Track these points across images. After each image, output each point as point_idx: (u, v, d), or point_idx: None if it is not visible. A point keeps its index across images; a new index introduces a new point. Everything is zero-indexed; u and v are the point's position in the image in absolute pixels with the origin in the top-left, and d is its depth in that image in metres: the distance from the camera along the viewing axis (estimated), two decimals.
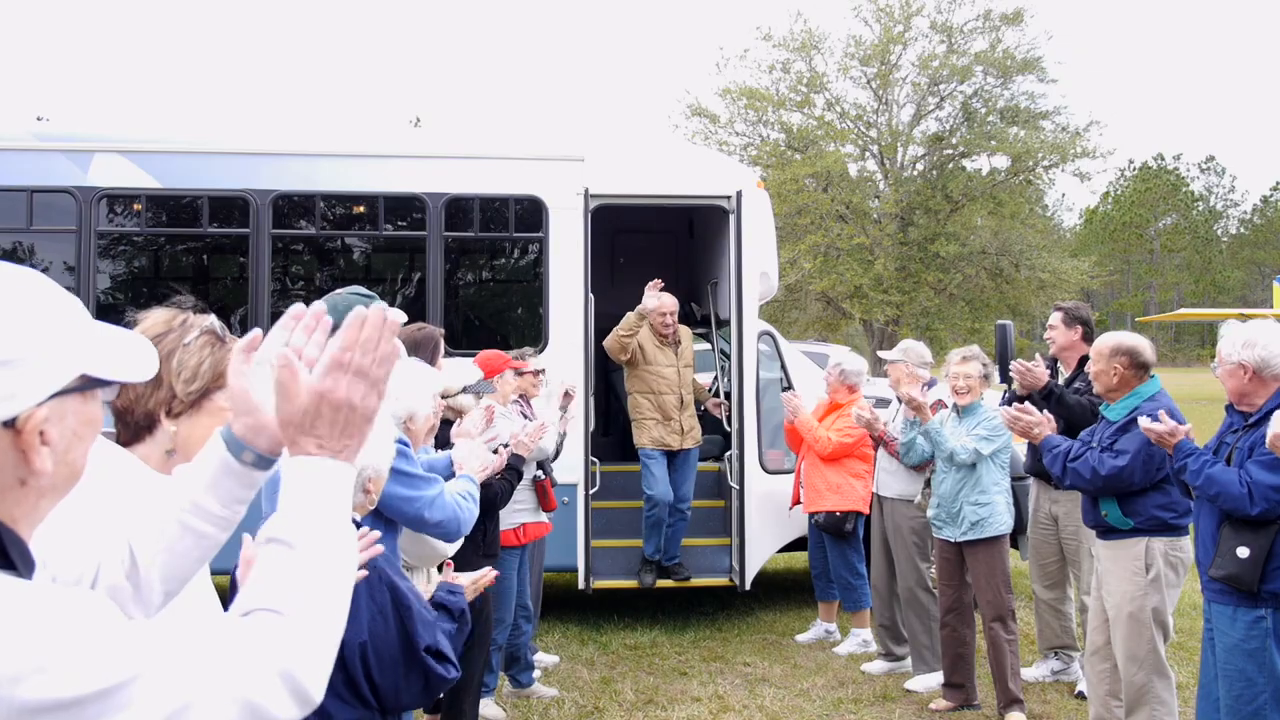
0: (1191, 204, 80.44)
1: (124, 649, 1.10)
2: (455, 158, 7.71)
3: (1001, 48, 29.58)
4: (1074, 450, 4.76)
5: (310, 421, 1.30)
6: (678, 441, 7.42)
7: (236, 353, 1.44)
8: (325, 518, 1.29)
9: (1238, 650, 3.97)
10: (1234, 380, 4.11)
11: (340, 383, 1.30)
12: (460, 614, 2.89)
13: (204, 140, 7.66)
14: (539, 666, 6.45)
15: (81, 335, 1.23)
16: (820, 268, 27.71)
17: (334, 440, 1.31)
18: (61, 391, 1.18)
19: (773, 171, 27.55)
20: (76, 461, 1.23)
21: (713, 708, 5.90)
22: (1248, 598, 3.95)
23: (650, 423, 7.40)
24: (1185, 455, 4.12)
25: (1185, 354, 67.46)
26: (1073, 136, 29.38)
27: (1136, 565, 4.68)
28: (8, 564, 1.15)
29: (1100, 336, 5.01)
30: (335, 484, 1.31)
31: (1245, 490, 3.89)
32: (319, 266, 7.81)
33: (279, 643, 1.20)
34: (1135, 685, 4.69)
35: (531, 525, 5.94)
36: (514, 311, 8.31)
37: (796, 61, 29.99)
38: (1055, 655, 6.37)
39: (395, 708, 2.61)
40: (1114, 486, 4.64)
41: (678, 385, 7.45)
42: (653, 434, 7.39)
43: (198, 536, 1.54)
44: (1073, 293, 27.45)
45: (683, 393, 7.48)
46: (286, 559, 1.26)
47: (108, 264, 7.52)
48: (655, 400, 7.44)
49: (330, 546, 1.29)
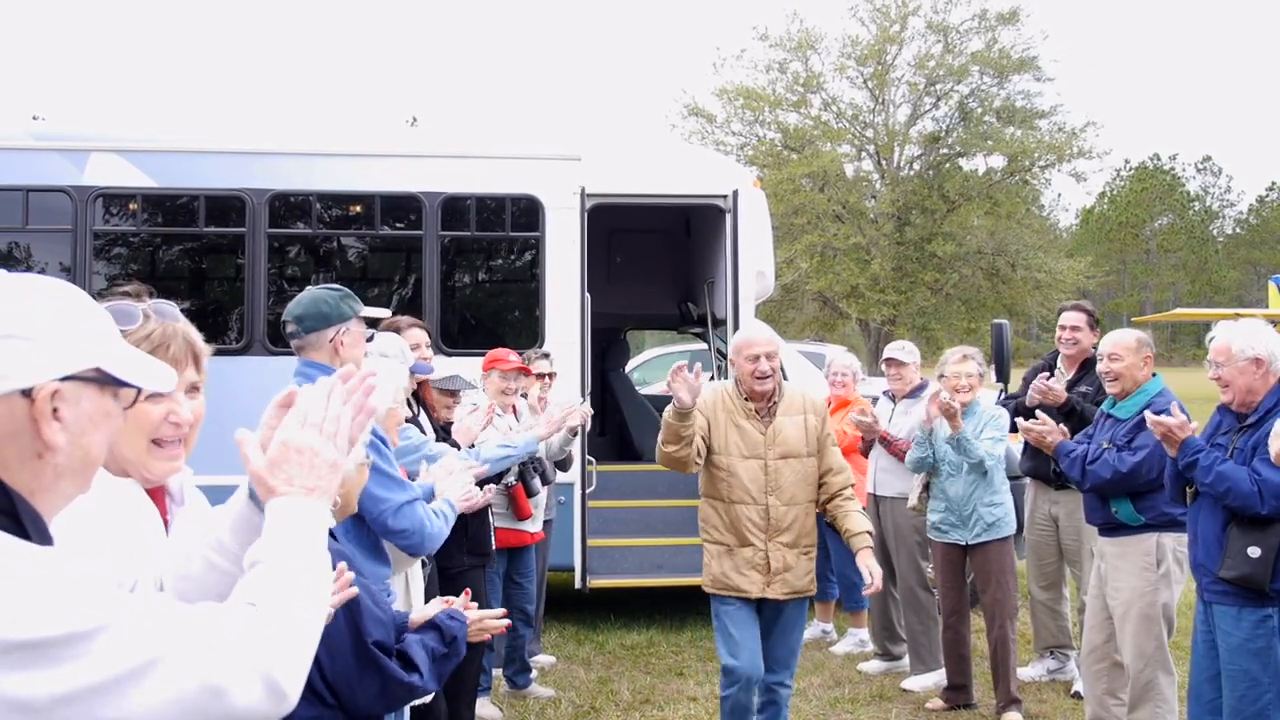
0: (1187, 204, 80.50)
1: (92, 602, 1.19)
2: (451, 157, 7.70)
3: (997, 47, 29.62)
4: (1091, 453, 4.73)
5: (278, 467, 1.47)
6: (757, 586, 4.47)
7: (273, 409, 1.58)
8: (299, 541, 1.43)
9: (1243, 650, 3.95)
10: (1246, 377, 4.05)
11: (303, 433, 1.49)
12: (452, 641, 2.76)
13: (200, 139, 7.65)
14: (535, 667, 6.45)
15: (101, 336, 1.37)
16: (817, 267, 27.73)
17: (303, 483, 1.47)
18: (76, 377, 1.30)
19: (769, 171, 27.57)
20: (92, 448, 1.34)
21: (709, 708, 5.89)
22: (1254, 597, 3.93)
23: (716, 550, 4.58)
24: (1195, 451, 4.04)
25: (1181, 354, 67.48)
26: (1069, 136, 29.43)
27: (1147, 561, 4.68)
28: (20, 531, 1.25)
29: (1112, 335, 4.99)
30: (308, 516, 1.46)
31: (1255, 489, 3.86)
32: (315, 266, 7.79)
33: (251, 634, 1.29)
34: (1142, 682, 4.68)
35: (503, 531, 5.71)
36: (510, 311, 8.30)
37: (793, 61, 30.02)
38: (1051, 655, 6.38)
39: (355, 709, 2.52)
40: (1134, 483, 4.61)
41: (764, 487, 4.47)
42: (715, 569, 4.58)
43: (221, 573, 1.62)
44: (1069, 293, 27.48)
45: (772, 500, 4.47)
46: (263, 571, 1.39)
47: (103, 264, 7.51)
48: (725, 512, 4.54)
49: (304, 563, 1.41)
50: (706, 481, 4.60)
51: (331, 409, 1.52)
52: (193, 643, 1.24)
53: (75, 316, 1.34)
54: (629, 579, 7.62)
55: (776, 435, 4.48)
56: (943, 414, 5.59)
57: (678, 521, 7.82)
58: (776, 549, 4.46)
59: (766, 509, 4.46)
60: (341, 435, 1.52)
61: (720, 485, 4.52)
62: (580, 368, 7.36)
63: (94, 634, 1.17)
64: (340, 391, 1.53)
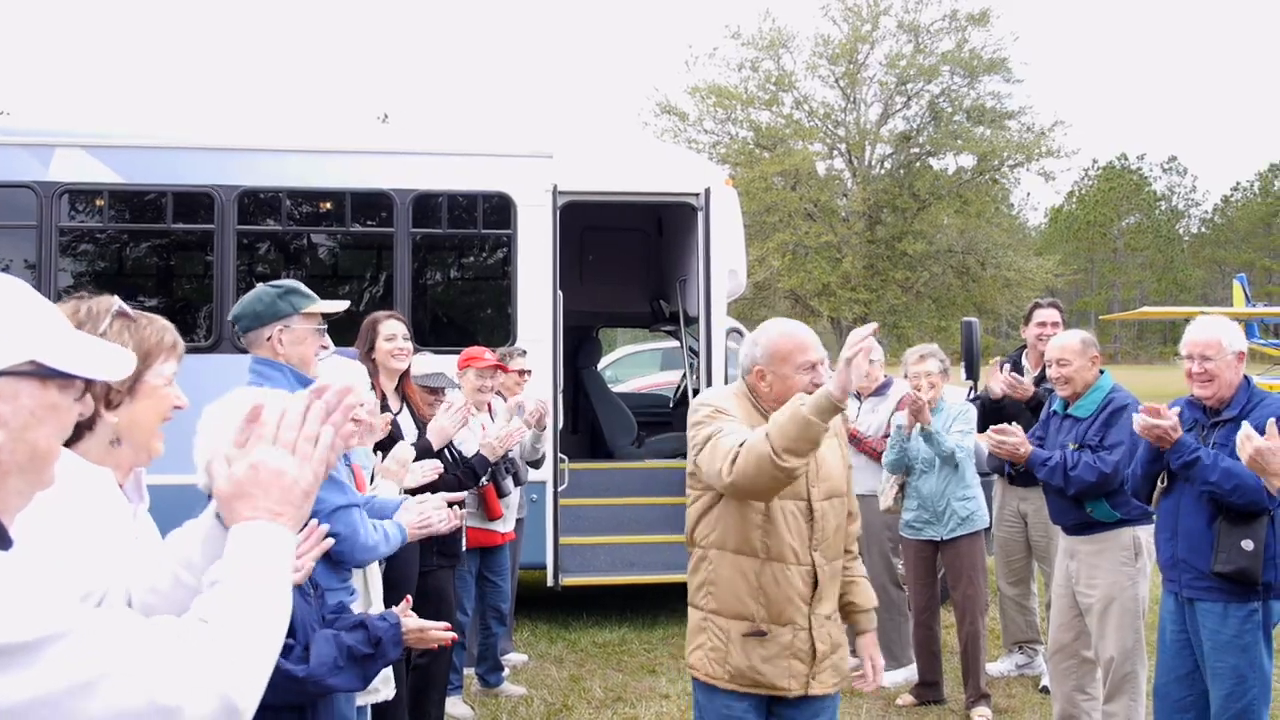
0: (1154, 204, 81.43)
1: (44, 610, 1.17)
2: (423, 154, 7.67)
3: (968, 48, 29.87)
4: (1068, 459, 4.71)
5: (245, 490, 1.43)
6: (799, 680, 3.23)
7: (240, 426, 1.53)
8: (259, 564, 1.40)
9: (1232, 646, 3.96)
10: (1231, 372, 4.04)
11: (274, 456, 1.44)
12: (377, 642, 2.72)
13: (168, 135, 7.57)
14: (507, 665, 6.44)
15: (39, 329, 1.32)
16: (788, 266, 27.86)
17: (269, 507, 1.44)
18: (10, 372, 1.27)
19: (741, 169, 27.66)
20: (39, 443, 1.30)
21: (681, 704, 5.91)
22: (1241, 592, 3.94)
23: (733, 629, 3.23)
24: (1193, 450, 3.97)
25: (1148, 351, 68.36)
26: (1038, 136, 29.73)
27: (1125, 555, 4.71)
28: None
29: (1057, 339, 5.02)
30: (270, 541, 1.42)
31: (1260, 483, 3.80)
32: (285, 264, 7.73)
33: (207, 653, 1.27)
34: (1121, 674, 4.70)
35: (475, 531, 5.69)
36: (482, 309, 8.27)
37: (765, 60, 30.13)
38: (1020, 650, 6.45)
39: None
40: (1116, 481, 4.58)
41: (808, 540, 3.22)
42: (735, 659, 3.22)
43: (188, 590, 1.60)
44: (1038, 291, 27.74)
45: (818, 558, 3.24)
46: (221, 591, 1.37)
47: (69, 260, 7.42)
48: (756, 574, 3.20)
49: (263, 586, 1.38)
50: (725, 530, 3.21)
51: (308, 428, 1.47)
52: (145, 659, 1.21)
53: (5, 311, 1.30)
54: (601, 577, 7.61)
55: (820, 468, 3.26)
56: (910, 411, 5.64)
57: (650, 519, 7.83)
58: (820, 624, 3.25)
59: (813, 570, 3.22)
60: (318, 459, 1.47)
61: (753, 536, 3.17)
62: (552, 366, 7.35)
63: (43, 644, 1.14)
64: (318, 410, 1.48)
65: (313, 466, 1.46)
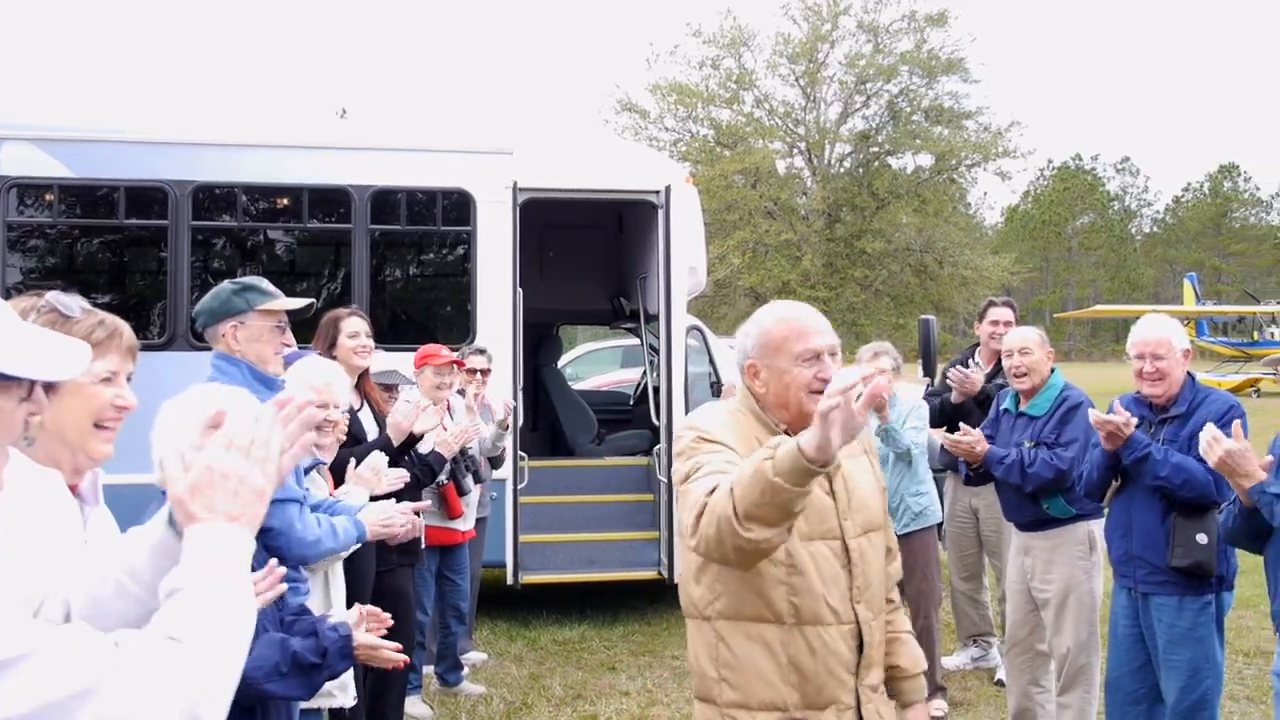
0: (1107, 204, 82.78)
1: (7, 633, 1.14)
2: (381, 150, 7.61)
3: (926, 48, 30.20)
4: (1025, 456, 4.74)
5: (201, 491, 1.42)
6: None
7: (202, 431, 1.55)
8: (218, 570, 1.38)
9: (1188, 639, 4.03)
10: (1180, 370, 4.13)
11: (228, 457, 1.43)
12: (323, 653, 2.63)
13: (120, 129, 7.44)
14: (467, 664, 6.42)
15: None
16: (748, 263, 28.00)
17: (226, 509, 1.42)
18: None
19: (702, 167, 27.75)
20: None
21: (641, 701, 5.92)
22: (1196, 585, 4.01)
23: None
24: (1145, 446, 4.04)
25: (1101, 349, 69.36)
26: (994, 136, 30.13)
27: (1081, 549, 4.77)
28: None
29: (1015, 332, 5.08)
30: (228, 544, 1.40)
31: (1211, 478, 3.89)
32: (241, 260, 7.64)
33: (172, 670, 1.25)
34: (1076, 666, 4.76)
35: (434, 529, 5.67)
36: (442, 306, 8.23)
37: (726, 58, 30.27)
38: (974, 643, 6.53)
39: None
40: (1072, 478, 4.61)
41: (848, 590, 2.39)
42: None
43: (132, 599, 1.58)
44: (994, 289, 28.11)
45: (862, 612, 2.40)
46: (182, 601, 1.34)
47: (18, 257, 7.28)
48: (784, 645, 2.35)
49: (224, 593, 1.36)
50: (736, 592, 2.37)
51: (260, 432, 1.46)
52: (109, 678, 1.19)
53: None
54: (561, 574, 7.61)
55: (852, 495, 2.46)
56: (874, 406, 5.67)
57: (610, 517, 7.84)
58: (868, 699, 2.43)
59: (857, 628, 2.40)
60: (270, 461, 1.46)
61: (775, 595, 2.34)
62: (512, 363, 7.33)
63: (4, 666, 1.12)
64: (270, 414, 1.48)
65: (264, 468, 1.44)
